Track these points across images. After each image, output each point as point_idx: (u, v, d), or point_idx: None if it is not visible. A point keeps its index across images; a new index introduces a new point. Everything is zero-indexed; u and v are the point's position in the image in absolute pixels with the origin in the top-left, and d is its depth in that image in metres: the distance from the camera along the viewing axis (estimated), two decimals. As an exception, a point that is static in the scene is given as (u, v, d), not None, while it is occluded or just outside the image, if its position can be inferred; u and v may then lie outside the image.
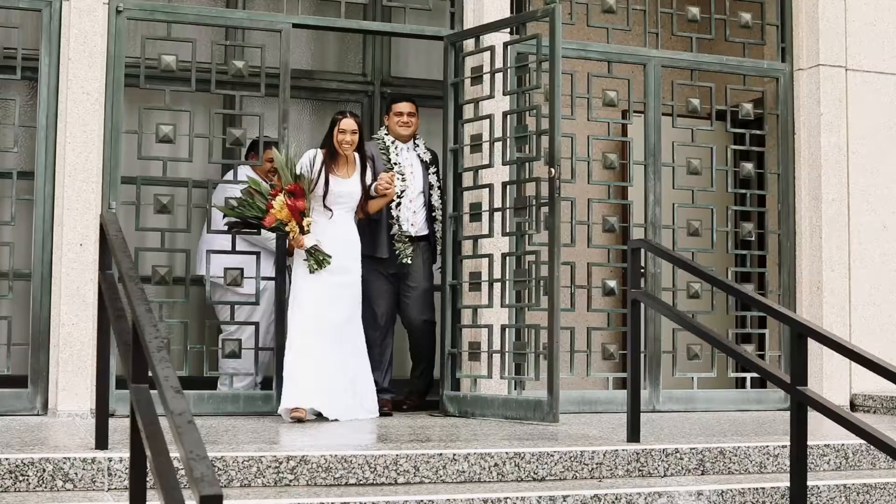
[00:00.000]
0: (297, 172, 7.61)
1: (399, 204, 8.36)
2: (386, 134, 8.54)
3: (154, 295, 8.40)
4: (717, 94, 9.33)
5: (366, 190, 7.94)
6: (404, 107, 8.52)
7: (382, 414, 7.99)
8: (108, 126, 7.67)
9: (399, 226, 8.38)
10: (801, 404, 5.40)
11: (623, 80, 9.14)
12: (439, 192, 8.54)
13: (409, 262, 8.41)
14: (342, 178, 7.82)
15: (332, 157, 7.83)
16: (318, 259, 7.61)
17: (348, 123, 7.82)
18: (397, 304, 8.57)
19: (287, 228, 7.53)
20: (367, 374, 7.92)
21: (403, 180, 8.36)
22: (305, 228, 7.56)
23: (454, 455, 5.81)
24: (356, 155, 7.93)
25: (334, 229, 7.76)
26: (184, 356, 7.95)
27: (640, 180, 9.08)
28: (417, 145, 8.58)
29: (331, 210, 7.74)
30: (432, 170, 8.58)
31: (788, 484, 5.86)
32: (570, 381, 9.31)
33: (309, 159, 7.81)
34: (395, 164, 8.40)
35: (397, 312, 8.61)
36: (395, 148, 8.48)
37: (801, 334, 5.45)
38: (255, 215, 7.62)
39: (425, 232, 8.53)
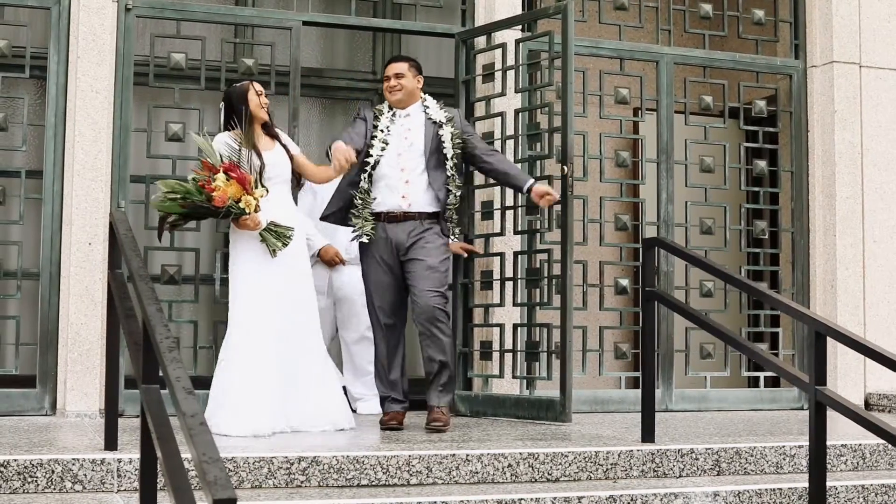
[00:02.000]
0: (226, 155, 6.78)
1: (371, 175, 7.14)
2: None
3: (163, 294, 8.33)
4: (729, 91, 9.26)
5: (289, 152, 7.07)
6: (390, 69, 7.33)
7: (390, 428, 6.97)
8: (118, 124, 7.63)
9: (362, 199, 7.15)
10: (820, 404, 5.33)
11: (635, 77, 9.07)
12: (455, 159, 7.23)
13: (368, 240, 7.11)
14: (267, 151, 6.96)
15: (248, 131, 6.92)
16: (278, 235, 6.75)
17: (260, 86, 7.07)
18: (403, 300, 7.22)
19: (242, 205, 6.58)
20: (330, 377, 6.99)
21: (383, 149, 7.16)
22: (258, 204, 6.66)
23: (467, 456, 5.75)
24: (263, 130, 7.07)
25: (271, 208, 6.80)
26: (193, 356, 7.90)
27: (653, 178, 9.01)
28: (427, 107, 7.32)
29: (265, 188, 6.82)
30: (448, 129, 7.23)
31: (806, 484, 5.82)
32: (581, 381, 9.25)
33: (225, 141, 6.88)
34: (381, 130, 7.20)
35: (404, 309, 7.28)
36: (391, 114, 7.28)
37: (819, 333, 5.38)
38: (201, 201, 6.60)
39: (431, 209, 7.17)
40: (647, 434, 6.37)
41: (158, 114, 8.02)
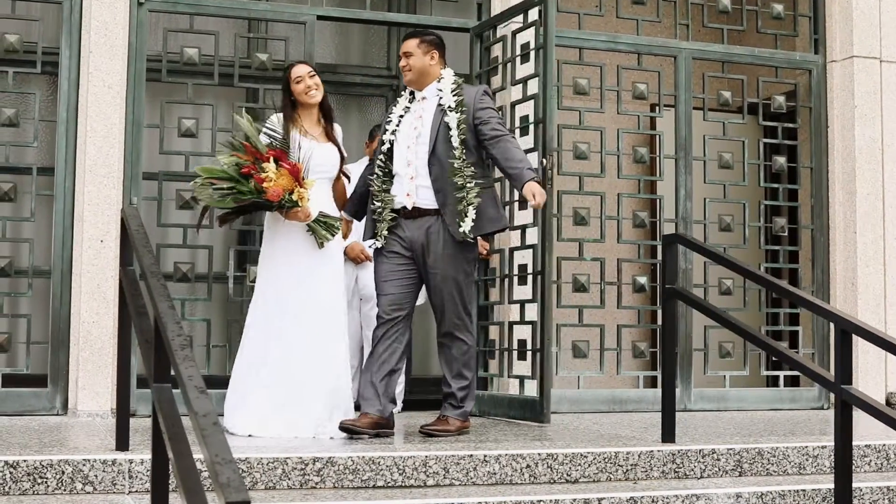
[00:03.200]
0: (267, 142, 6.46)
1: (390, 171, 6.71)
2: None
3: (176, 292, 8.24)
4: (748, 86, 9.15)
5: (342, 154, 6.79)
6: (401, 48, 6.84)
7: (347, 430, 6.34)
8: (130, 120, 7.55)
9: (379, 201, 6.68)
10: (845, 404, 5.22)
11: (653, 72, 8.96)
12: (461, 146, 6.57)
13: (383, 243, 6.64)
14: (318, 142, 6.63)
15: (296, 119, 6.64)
16: (328, 226, 6.50)
17: (301, 68, 6.69)
18: (408, 294, 6.69)
19: (295, 197, 6.29)
20: (343, 378, 6.56)
21: (389, 148, 6.70)
22: (308, 195, 6.38)
23: (485, 456, 5.65)
24: (322, 119, 6.78)
25: (314, 201, 6.50)
26: (206, 355, 7.81)
27: (671, 175, 8.90)
28: (441, 90, 6.74)
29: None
30: (454, 115, 6.61)
31: (829, 486, 5.74)
32: (599, 380, 9.17)
33: (272, 125, 6.61)
34: (391, 122, 6.78)
35: (408, 306, 6.69)
36: (408, 100, 6.84)
37: (845, 331, 5.27)
38: (251, 194, 6.32)
39: (436, 205, 6.61)
40: (668, 434, 6.26)
41: (171, 109, 7.95)
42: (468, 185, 6.52)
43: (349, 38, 9.98)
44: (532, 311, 7.59)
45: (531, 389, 7.52)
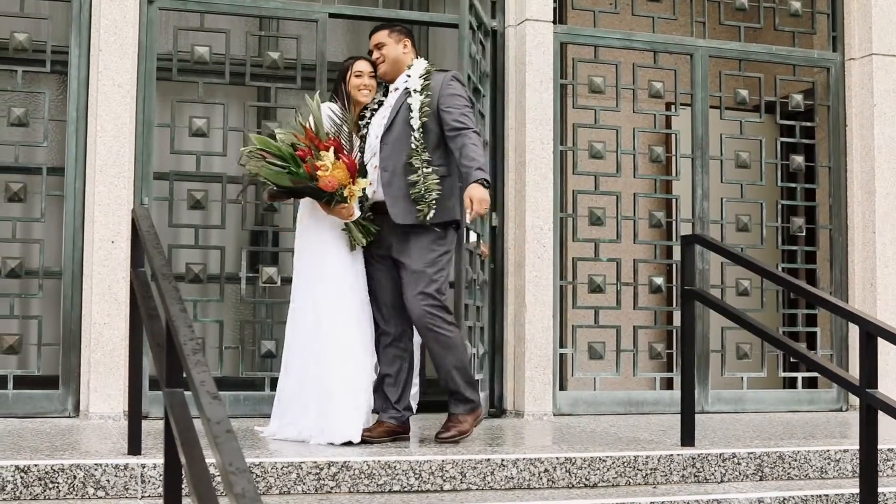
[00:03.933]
0: (329, 130, 6.23)
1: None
2: None
3: (188, 293, 8.16)
4: (765, 84, 9.04)
5: None
6: (370, 42, 6.62)
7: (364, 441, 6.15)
8: (140, 119, 7.47)
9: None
10: (870, 408, 5.12)
11: (669, 70, 8.87)
12: (420, 132, 6.26)
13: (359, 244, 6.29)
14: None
15: (353, 113, 6.40)
16: (366, 230, 6.23)
17: (363, 64, 6.46)
18: (399, 301, 6.37)
19: (346, 193, 6.02)
20: (360, 381, 6.24)
21: (364, 138, 6.44)
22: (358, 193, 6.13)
23: (502, 460, 5.57)
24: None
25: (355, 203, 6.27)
26: (219, 357, 7.73)
27: (687, 174, 8.81)
28: (409, 75, 6.45)
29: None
30: (417, 97, 6.32)
31: (852, 490, 5.66)
32: (615, 382, 9.07)
33: (328, 114, 6.31)
34: (361, 115, 6.51)
35: (403, 314, 6.42)
36: (382, 93, 6.58)
37: (870, 334, 5.17)
38: (308, 184, 6.04)
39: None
40: (687, 437, 6.16)
41: (182, 109, 7.88)
42: (424, 168, 6.19)
43: (361, 36, 9.86)
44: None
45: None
